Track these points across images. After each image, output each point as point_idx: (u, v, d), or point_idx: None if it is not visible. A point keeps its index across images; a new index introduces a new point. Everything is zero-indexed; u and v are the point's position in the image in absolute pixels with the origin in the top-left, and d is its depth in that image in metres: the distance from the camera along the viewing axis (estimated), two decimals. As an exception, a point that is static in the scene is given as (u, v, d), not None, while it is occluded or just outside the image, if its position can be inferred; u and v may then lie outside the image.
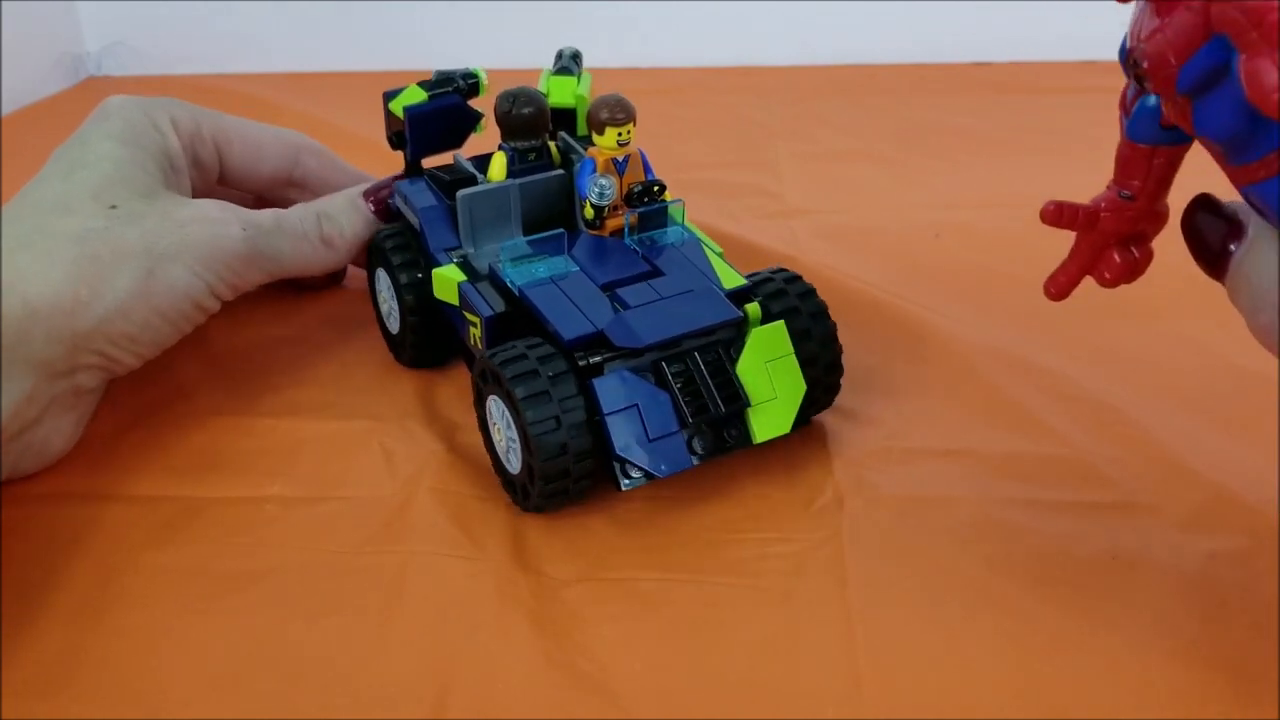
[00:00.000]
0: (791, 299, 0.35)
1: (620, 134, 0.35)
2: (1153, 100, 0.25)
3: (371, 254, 0.41)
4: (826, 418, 0.37)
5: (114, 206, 0.35)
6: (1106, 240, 0.29)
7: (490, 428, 0.34)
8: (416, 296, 0.38)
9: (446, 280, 0.37)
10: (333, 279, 0.47)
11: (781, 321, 0.34)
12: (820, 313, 0.35)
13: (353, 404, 0.39)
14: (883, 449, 0.36)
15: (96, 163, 0.36)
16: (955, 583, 0.30)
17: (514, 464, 0.33)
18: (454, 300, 0.36)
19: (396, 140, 0.41)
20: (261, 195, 0.44)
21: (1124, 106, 0.27)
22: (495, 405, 0.33)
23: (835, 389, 0.36)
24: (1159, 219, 0.28)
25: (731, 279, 0.35)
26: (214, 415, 0.38)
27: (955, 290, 0.46)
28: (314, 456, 0.36)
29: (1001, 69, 0.77)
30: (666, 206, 0.37)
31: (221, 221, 0.37)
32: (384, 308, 0.41)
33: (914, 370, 0.40)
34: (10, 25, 0.70)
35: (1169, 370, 0.40)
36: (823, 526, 0.32)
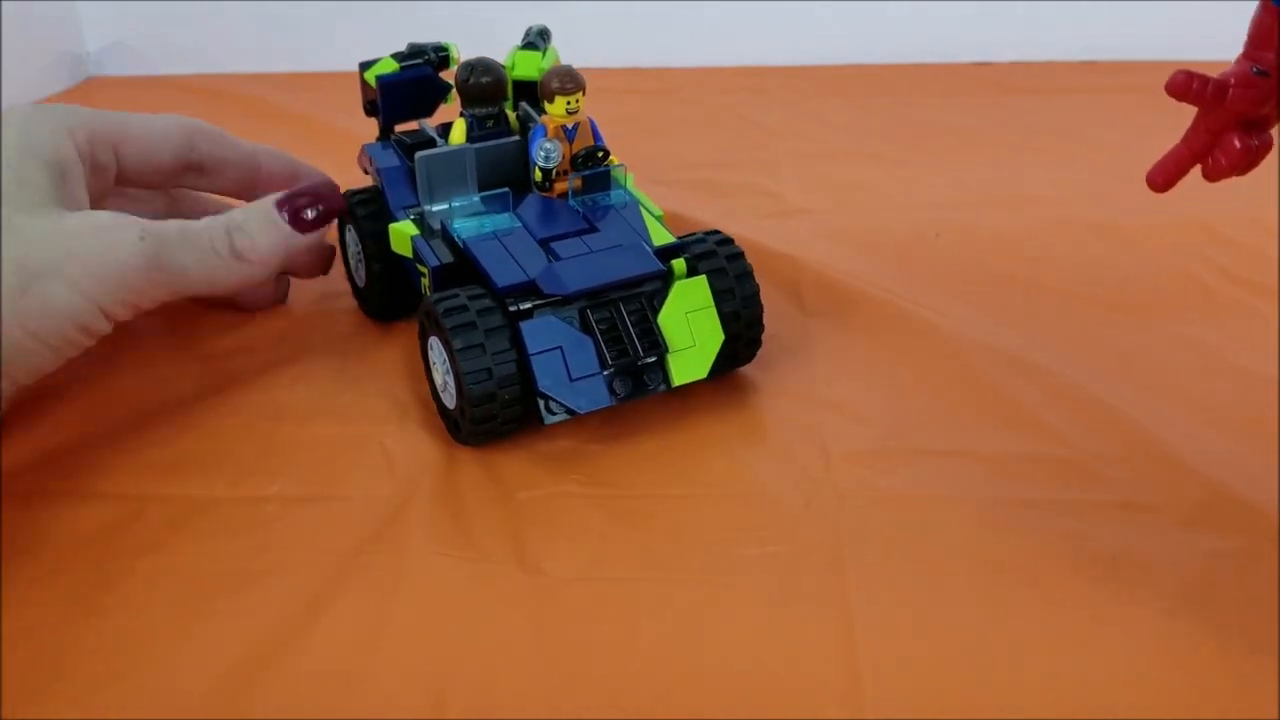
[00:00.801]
0: (720, 259, 0.37)
1: (569, 102, 0.38)
2: None
3: (342, 214, 0.43)
4: (826, 417, 0.37)
5: None
6: (1228, 121, 0.27)
7: (430, 366, 0.37)
8: (377, 248, 0.41)
9: (401, 234, 0.39)
10: (276, 297, 0.45)
11: (703, 276, 0.37)
12: (745, 274, 0.38)
13: (352, 404, 0.39)
14: (883, 449, 0.36)
15: None
16: (955, 583, 0.30)
17: (449, 400, 0.36)
18: (408, 253, 0.39)
19: (370, 108, 0.44)
20: (163, 188, 0.43)
21: None
22: (435, 346, 0.36)
23: (756, 344, 0.39)
24: None
25: (662, 237, 0.38)
26: (213, 415, 0.38)
27: (955, 290, 0.46)
28: (313, 456, 0.36)
29: (1001, 69, 0.77)
30: (609, 171, 0.40)
31: (116, 228, 0.34)
32: (353, 263, 0.44)
33: (914, 370, 0.40)
34: (10, 25, 0.70)
35: (1169, 370, 0.40)
36: (823, 526, 0.32)
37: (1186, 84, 0.27)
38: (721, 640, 0.29)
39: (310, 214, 0.38)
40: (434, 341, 0.36)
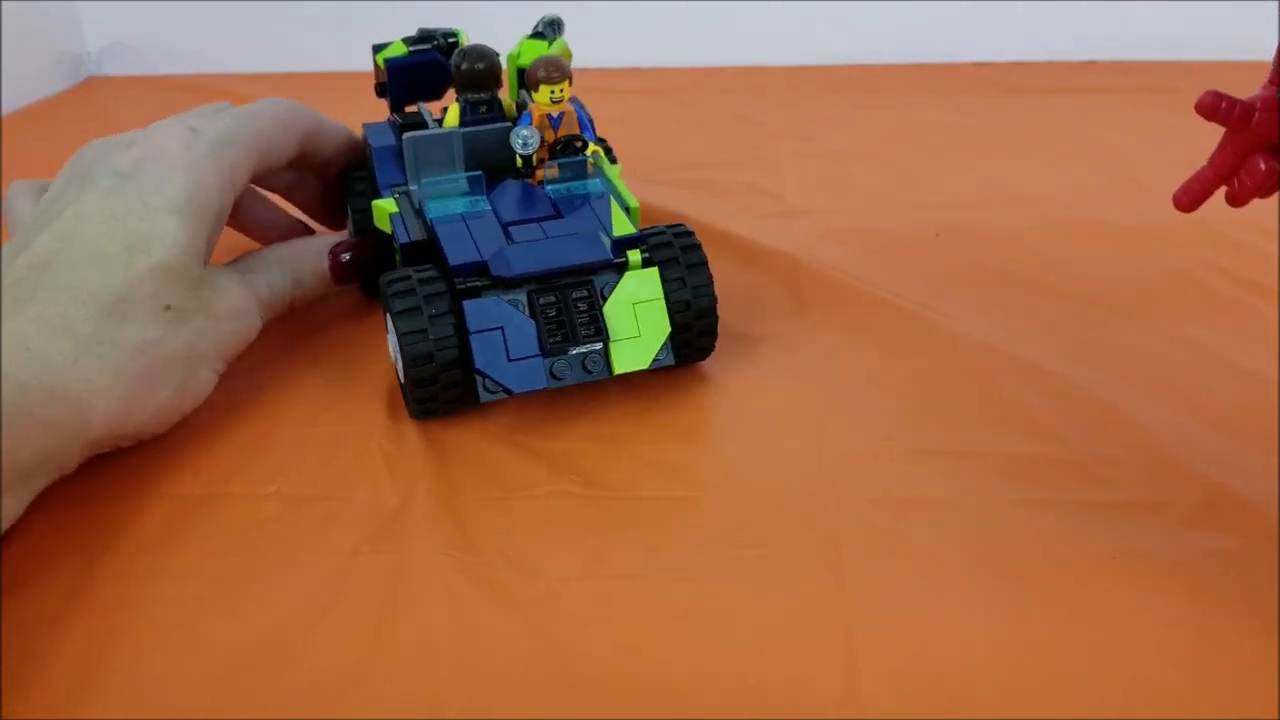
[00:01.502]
0: (674, 250, 0.38)
1: (553, 91, 0.39)
2: None
3: (344, 187, 0.45)
4: (825, 417, 0.37)
5: (168, 307, 0.34)
6: (1254, 144, 0.28)
7: (389, 338, 0.37)
8: (365, 222, 0.42)
9: (381, 211, 0.41)
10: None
11: (655, 269, 0.37)
12: (698, 264, 0.38)
13: (352, 404, 0.39)
14: (883, 449, 0.36)
15: (159, 247, 0.34)
16: (954, 583, 0.30)
17: (401, 373, 0.37)
18: (388, 229, 0.40)
19: (380, 90, 0.45)
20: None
21: None
22: (389, 322, 0.36)
23: (710, 334, 0.39)
24: None
25: (624, 228, 0.38)
26: (212, 415, 0.38)
27: (955, 290, 0.46)
28: (313, 457, 0.36)
29: (1001, 69, 0.77)
30: (585, 160, 0.40)
31: (248, 314, 0.37)
32: (350, 235, 0.45)
33: (914, 370, 0.40)
34: (10, 25, 0.70)
35: (1169, 370, 0.40)
36: (821, 527, 0.32)
37: (1215, 104, 0.28)
38: (720, 641, 0.29)
39: (345, 258, 0.42)
40: (389, 319, 0.36)
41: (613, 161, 0.45)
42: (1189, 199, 0.29)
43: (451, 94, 0.44)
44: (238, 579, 0.31)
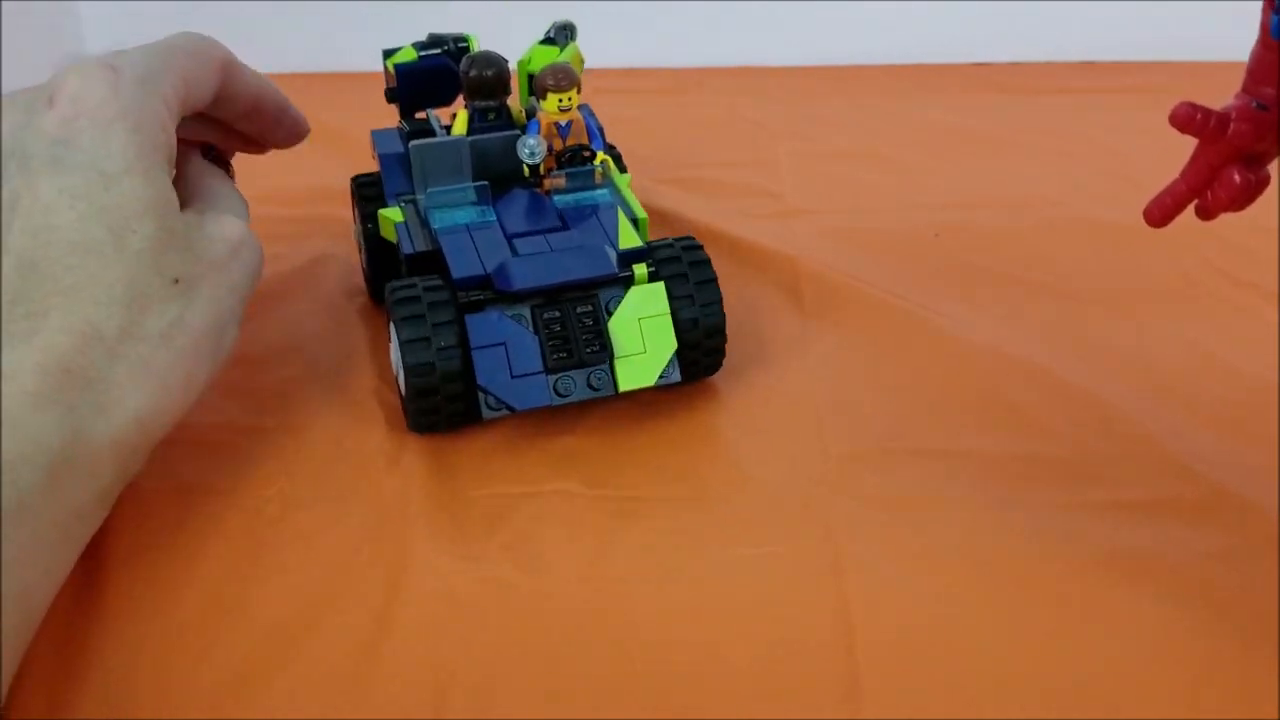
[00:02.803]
0: (682, 265, 0.37)
1: (561, 100, 0.38)
2: None
3: (353, 195, 0.44)
4: (825, 417, 0.37)
5: (177, 281, 0.31)
6: (1227, 155, 0.28)
7: (391, 349, 0.37)
8: (372, 230, 0.42)
9: (387, 220, 0.40)
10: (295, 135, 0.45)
11: (661, 283, 0.36)
12: (707, 280, 0.37)
13: (353, 404, 0.39)
14: (882, 449, 0.36)
15: (140, 219, 0.31)
16: (954, 583, 0.30)
17: (403, 386, 0.36)
18: (393, 238, 0.40)
19: (390, 95, 0.44)
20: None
21: (1272, 4, 0.25)
22: (393, 332, 0.36)
23: (718, 352, 0.38)
24: None
25: (631, 241, 0.37)
26: (212, 416, 0.38)
27: (955, 290, 0.46)
28: (314, 457, 0.36)
29: (1001, 69, 0.77)
30: (592, 171, 0.40)
31: (244, 242, 0.34)
32: (359, 243, 0.45)
33: (914, 370, 0.40)
34: (10, 25, 0.70)
35: (1168, 370, 0.40)
36: (821, 526, 0.32)
37: (1190, 116, 0.28)
38: (720, 640, 0.29)
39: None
40: (392, 329, 0.36)
41: (622, 170, 0.44)
42: (1161, 213, 0.29)
43: (461, 100, 0.44)
44: (238, 580, 0.31)
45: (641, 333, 0.36)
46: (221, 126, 0.40)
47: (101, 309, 0.30)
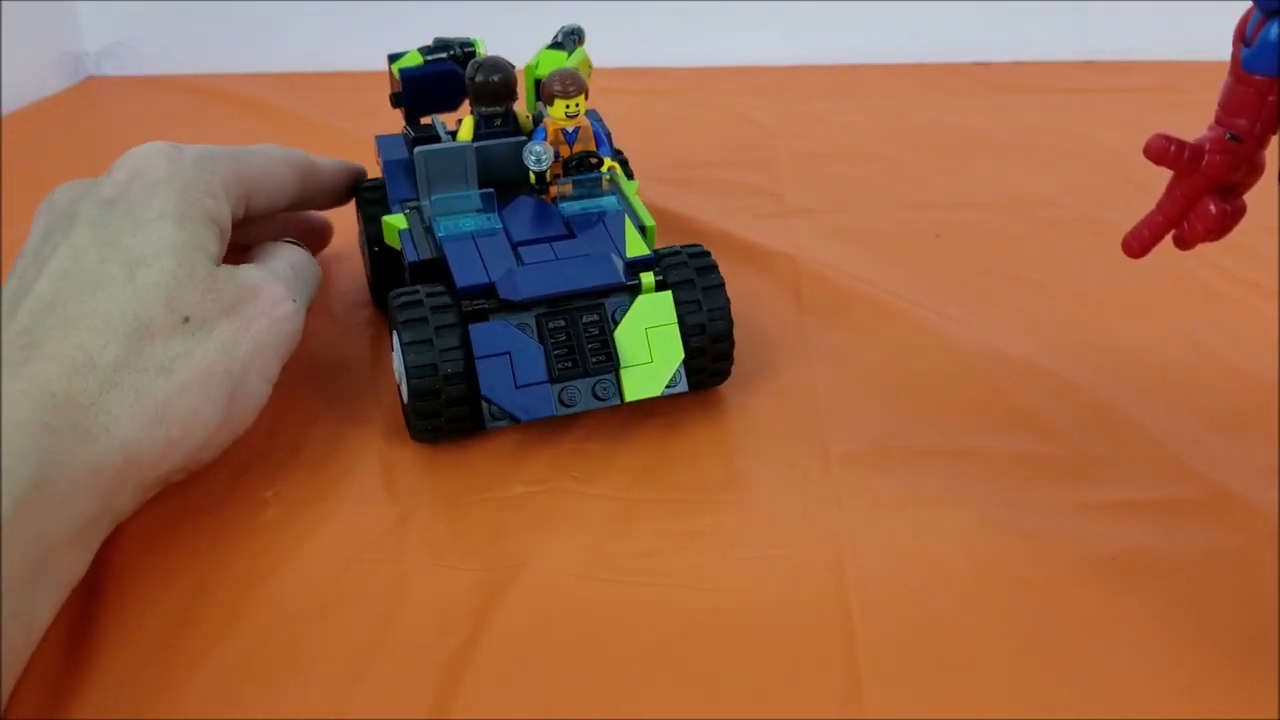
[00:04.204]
0: (689, 271, 0.36)
1: (568, 106, 0.38)
2: (1278, 30, 0.24)
3: (356, 201, 0.44)
4: (825, 417, 0.37)
5: (187, 319, 0.31)
6: (1202, 187, 0.28)
7: (394, 358, 0.36)
8: (375, 236, 0.42)
9: (391, 227, 0.39)
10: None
11: (669, 291, 0.36)
12: (715, 287, 0.36)
13: (352, 407, 0.39)
14: (883, 449, 0.36)
15: (157, 256, 0.32)
16: (954, 583, 0.30)
17: (405, 393, 0.35)
18: (397, 245, 0.39)
19: (395, 100, 0.44)
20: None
21: (1241, 37, 0.25)
22: (395, 338, 0.35)
23: (725, 359, 0.37)
24: (1256, 170, 0.27)
25: (638, 249, 0.37)
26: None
27: (955, 290, 0.46)
28: (314, 460, 0.36)
29: (1001, 69, 0.77)
30: (599, 178, 0.39)
31: (280, 301, 0.34)
32: (362, 250, 0.45)
33: (914, 370, 0.40)
34: (10, 25, 0.70)
35: (1169, 370, 0.40)
36: (822, 528, 0.32)
37: (1164, 148, 0.28)
38: (721, 642, 0.29)
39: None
40: (395, 334, 0.36)
41: (630, 177, 0.44)
42: (1139, 245, 0.29)
43: (467, 106, 0.43)
44: (238, 581, 0.31)
45: (648, 342, 0.35)
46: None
47: (98, 336, 0.30)
